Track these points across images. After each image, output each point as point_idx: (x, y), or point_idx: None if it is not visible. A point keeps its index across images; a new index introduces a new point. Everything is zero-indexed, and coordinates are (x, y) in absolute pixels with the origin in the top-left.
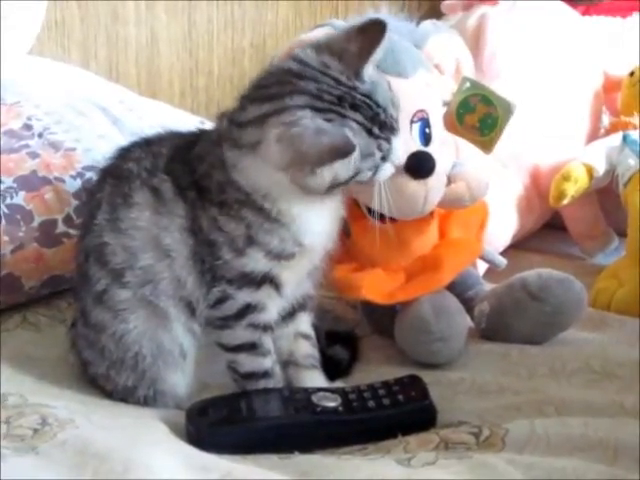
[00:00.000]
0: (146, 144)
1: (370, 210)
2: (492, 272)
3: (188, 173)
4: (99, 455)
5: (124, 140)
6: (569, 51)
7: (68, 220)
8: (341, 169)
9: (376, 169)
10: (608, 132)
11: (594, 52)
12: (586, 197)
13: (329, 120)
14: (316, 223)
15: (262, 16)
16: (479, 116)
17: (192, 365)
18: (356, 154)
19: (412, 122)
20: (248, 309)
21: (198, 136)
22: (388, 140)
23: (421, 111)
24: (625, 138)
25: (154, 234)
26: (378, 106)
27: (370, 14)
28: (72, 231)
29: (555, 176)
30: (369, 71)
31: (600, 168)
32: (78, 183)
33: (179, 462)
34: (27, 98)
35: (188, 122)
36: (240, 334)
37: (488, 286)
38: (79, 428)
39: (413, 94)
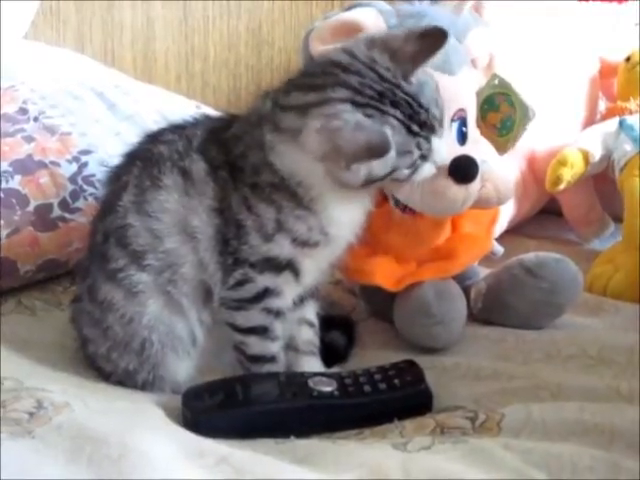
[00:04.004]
0: (179, 128)
1: (396, 200)
2: (488, 259)
3: (222, 153)
4: (95, 439)
5: (119, 124)
6: (565, 36)
7: (64, 204)
8: (377, 166)
9: (415, 168)
10: (604, 117)
11: (590, 37)
12: (582, 182)
13: (369, 115)
14: (344, 214)
15: (258, 1)
16: (501, 116)
17: (199, 352)
18: (393, 153)
19: (452, 120)
20: (266, 293)
21: (233, 119)
22: (427, 139)
23: (461, 110)
24: (621, 123)
25: (181, 216)
26: (420, 106)
27: (416, 3)
28: (68, 215)
29: (551, 161)
30: (418, 74)
31: (596, 153)
32: (74, 167)
33: (175, 447)
34: (23, 82)
35: (184, 106)
36: (254, 317)
37: (485, 272)
38: (75, 412)
39: (456, 92)
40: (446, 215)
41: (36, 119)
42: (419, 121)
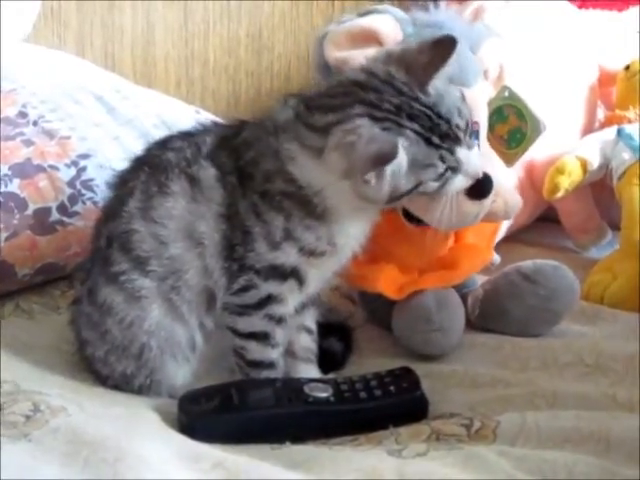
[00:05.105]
0: (188, 135)
1: (405, 210)
2: (485, 267)
3: (232, 159)
4: (91, 443)
5: (119, 129)
6: (565, 44)
7: (62, 208)
8: (400, 180)
9: (445, 181)
10: (603, 126)
11: (590, 46)
12: (580, 191)
13: (386, 129)
14: (353, 225)
15: (258, 6)
16: (509, 128)
17: (198, 358)
18: (404, 162)
19: None
20: (269, 300)
21: (243, 125)
22: (451, 151)
23: (475, 123)
24: (619, 132)
25: (188, 222)
26: (440, 117)
27: (433, 12)
28: (66, 219)
29: (549, 169)
30: (436, 84)
31: (594, 162)
32: (72, 171)
33: (170, 451)
34: (23, 86)
35: (183, 111)
36: (256, 323)
37: (482, 279)
38: (71, 416)
39: (471, 104)
40: (457, 228)
41: (35, 123)
42: (440, 133)
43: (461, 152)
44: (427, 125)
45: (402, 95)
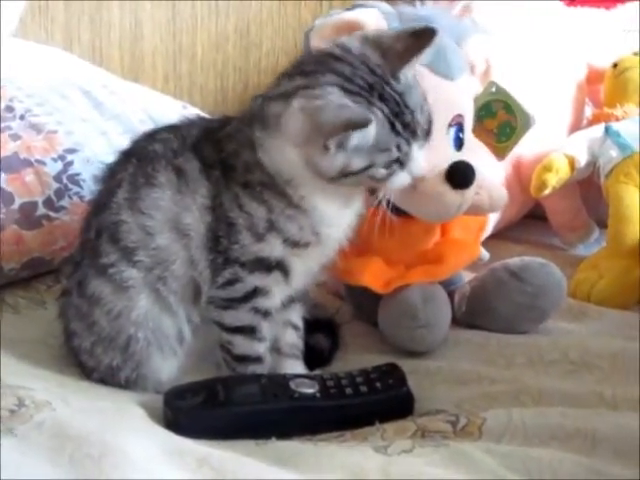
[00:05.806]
0: (175, 128)
1: (389, 202)
2: (473, 264)
3: (215, 152)
4: (75, 438)
5: (105, 124)
6: (553, 42)
7: (48, 202)
8: (356, 156)
9: (391, 172)
10: (590, 123)
11: (578, 43)
12: (567, 188)
13: (356, 102)
14: (335, 215)
15: (246, 2)
16: (498, 122)
17: (185, 351)
18: (372, 135)
19: (449, 126)
20: (255, 292)
21: (229, 120)
22: (408, 142)
23: (459, 115)
24: (607, 129)
25: (174, 214)
26: (406, 107)
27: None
28: (52, 214)
29: (537, 166)
30: (407, 74)
31: (582, 159)
32: (59, 165)
33: (155, 447)
34: (10, 80)
35: (170, 106)
36: (242, 316)
37: (469, 276)
38: (56, 410)
39: (455, 97)
40: (440, 220)
41: (22, 117)
42: (403, 121)
43: (414, 147)
44: (395, 110)
45: (375, 75)
